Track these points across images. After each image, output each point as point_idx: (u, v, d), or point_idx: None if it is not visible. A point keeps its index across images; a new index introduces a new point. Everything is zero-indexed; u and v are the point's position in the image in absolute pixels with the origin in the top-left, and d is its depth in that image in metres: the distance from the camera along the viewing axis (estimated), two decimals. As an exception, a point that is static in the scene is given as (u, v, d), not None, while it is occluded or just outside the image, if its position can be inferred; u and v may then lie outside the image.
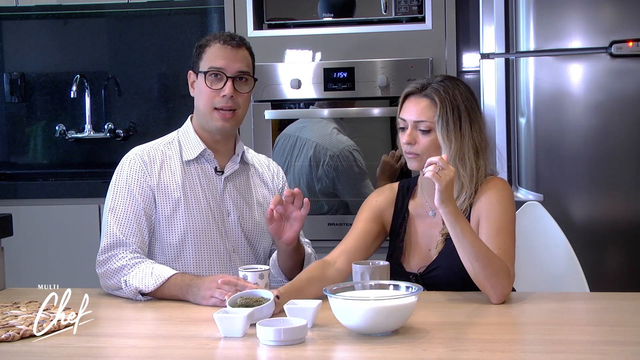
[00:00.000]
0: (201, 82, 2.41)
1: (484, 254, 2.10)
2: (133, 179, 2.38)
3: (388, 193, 2.46)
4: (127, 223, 2.34)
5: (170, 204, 2.38)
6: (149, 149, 2.45)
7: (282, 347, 1.78)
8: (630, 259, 3.11)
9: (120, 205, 2.36)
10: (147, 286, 2.24)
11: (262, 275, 2.17)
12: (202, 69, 2.41)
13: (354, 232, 2.40)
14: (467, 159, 2.28)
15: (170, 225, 2.38)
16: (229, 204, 2.45)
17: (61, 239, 3.59)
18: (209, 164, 2.45)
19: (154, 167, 2.40)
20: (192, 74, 2.45)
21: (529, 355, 1.78)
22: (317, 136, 3.47)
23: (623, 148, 3.08)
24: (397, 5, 3.42)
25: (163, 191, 2.39)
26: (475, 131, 2.30)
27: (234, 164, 2.48)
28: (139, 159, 2.41)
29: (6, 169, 4.22)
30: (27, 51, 4.21)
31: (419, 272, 2.33)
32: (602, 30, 3.06)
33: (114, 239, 2.32)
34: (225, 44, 2.40)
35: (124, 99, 4.16)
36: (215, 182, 2.45)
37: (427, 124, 2.28)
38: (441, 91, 2.28)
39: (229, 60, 2.40)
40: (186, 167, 2.43)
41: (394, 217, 2.42)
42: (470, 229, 2.12)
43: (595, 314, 2.14)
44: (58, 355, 1.81)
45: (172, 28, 4.10)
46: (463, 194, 2.29)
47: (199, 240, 2.39)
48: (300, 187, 3.44)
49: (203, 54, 2.41)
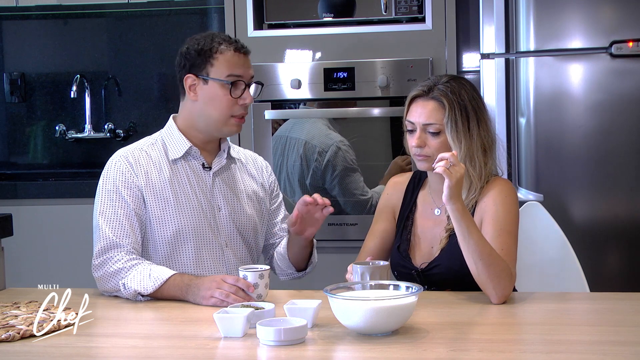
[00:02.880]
0: (216, 89, 2.37)
1: (487, 254, 2.11)
2: (120, 181, 2.37)
3: (399, 183, 2.49)
4: (119, 225, 2.33)
5: (160, 203, 2.38)
6: (133, 150, 2.44)
7: (282, 347, 1.78)
8: (630, 259, 3.11)
9: (110, 208, 2.35)
10: (145, 288, 2.23)
11: (262, 275, 2.17)
12: (216, 75, 2.36)
13: (373, 234, 2.46)
14: (476, 158, 2.29)
15: (162, 224, 2.38)
16: (219, 199, 2.45)
17: (61, 239, 3.59)
18: (196, 160, 2.45)
19: (139, 168, 2.39)
20: (194, 78, 2.38)
21: (529, 355, 1.78)
22: (307, 134, 3.48)
23: (623, 148, 3.08)
24: (397, 5, 3.42)
25: (151, 191, 2.38)
26: (483, 130, 2.31)
27: (221, 159, 2.48)
28: (124, 160, 2.40)
29: (6, 169, 4.22)
30: (27, 51, 4.21)
31: (420, 268, 2.34)
32: (602, 30, 3.06)
33: (107, 242, 2.32)
34: (237, 50, 2.38)
35: (124, 99, 4.16)
36: (204, 178, 2.45)
37: (436, 127, 2.29)
38: (448, 93, 2.29)
39: (245, 68, 2.39)
40: (173, 165, 2.42)
41: (402, 207, 2.44)
42: (476, 227, 2.13)
43: (595, 314, 2.14)
44: (58, 355, 1.81)
45: (172, 28, 4.10)
46: (471, 192, 2.30)
47: (192, 237, 2.39)
48: (292, 186, 3.45)
49: (213, 59, 2.36)
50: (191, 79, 2.39)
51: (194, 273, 2.36)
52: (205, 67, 2.37)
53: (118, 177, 2.38)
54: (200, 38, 2.40)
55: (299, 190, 3.47)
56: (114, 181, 2.37)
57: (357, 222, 3.44)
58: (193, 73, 2.38)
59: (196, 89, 2.39)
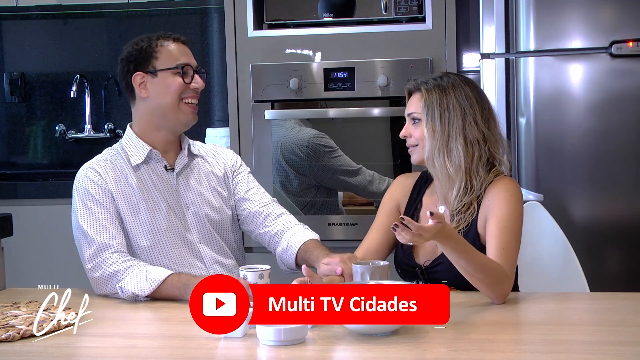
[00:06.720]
0: (166, 79, 2.41)
1: (481, 269, 2.08)
2: (94, 189, 2.38)
3: (407, 182, 2.50)
4: (103, 229, 2.34)
5: (132, 210, 2.40)
6: (97, 161, 2.46)
7: (282, 347, 1.78)
8: (630, 259, 3.11)
9: (90, 215, 2.36)
10: (143, 290, 2.24)
11: (261, 275, 2.17)
12: (163, 66, 2.41)
13: (374, 229, 2.46)
14: (454, 149, 2.29)
15: (137, 231, 2.39)
16: (187, 198, 2.46)
17: (61, 239, 3.59)
18: (158, 163, 2.47)
19: (107, 177, 2.41)
20: (142, 75, 2.42)
21: (529, 355, 1.78)
22: (281, 136, 3.48)
23: (623, 148, 3.08)
24: (397, 5, 3.42)
25: (122, 198, 2.40)
26: (469, 123, 2.30)
27: (183, 158, 2.50)
28: (92, 171, 2.42)
29: (6, 169, 4.22)
30: (27, 51, 4.21)
31: (424, 266, 2.34)
32: (602, 30, 3.06)
33: (96, 245, 2.32)
34: (177, 41, 2.45)
35: (124, 99, 4.14)
36: (168, 180, 2.46)
37: (415, 115, 2.34)
38: (430, 82, 2.33)
39: (188, 56, 2.46)
40: (137, 171, 2.44)
41: (408, 204, 2.45)
42: (465, 247, 2.08)
43: (595, 314, 2.14)
44: (58, 355, 1.81)
45: (172, 28, 4.07)
46: (455, 189, 2.30)
47: (168, 239, 2.40)
48: (276, 189, 3.45)
49: (156, 53, 2.41)
50: (140, 76, 2.43)
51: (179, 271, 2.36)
52: (150, 61, 2.42)
53: (91, 186, 2.39)
54: (137, 40, 2.47)
55: (280, 191, 3.47)
56: (88, 190, 2.38)
57: (357, 222, 3.44)
58: (140, 70, 2.43)
59: (146, 85, 2.43)
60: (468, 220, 2.30)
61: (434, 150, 2.30)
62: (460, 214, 2.31)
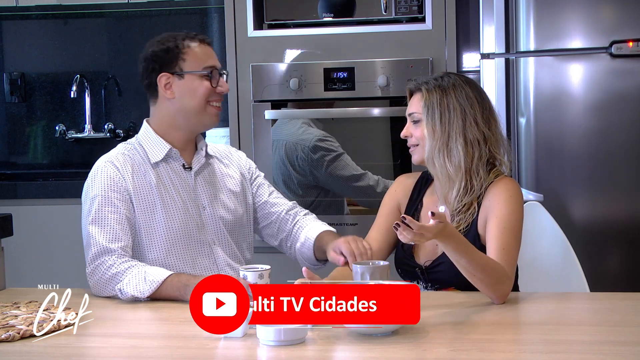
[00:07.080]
0: (194, 82, 2.40)
1: (481, 268, 2.08)
2: (109, 186, 2.37)
3: (407, 182, 2.50)
4: (110, 230, 2.33)
5: (149, 207, 2.39)
6: (117, 154, 2.44)
7: (282, 347, 1.78)
8: (630, 259, 3.11)
9: (99, 213, 2.35)
10: (142, 292, 2.23)
11: (261, 275, 2.17)
12: (190, 69, 2.40)
13: (375, 229, 2.46)
14: (454, 149, 2.29)
15: (151, 228, 2.38)
16: (203, 198, 2.46)
17: (61, 239, 3.59)
18: (177, 162, 2.46)
19: (126, 173, 2.40)
20: (168, 75, 2.41)
21: (529, 355, 1.78)
22: (286, 135, 3.48)
23: (623, 148, 3.08)
24: (397, 5, 3.42)
25: (139, 195, 2.39)
26: (470, 123, 2.30)
27: (200, 158, 2.50)
28: (111, 165, 2.40)
29: (6, 169, 4.22)
30: (27, 51, 4.21)
31: (424, 266, 2.34)
32: (602, 30, 3.06)
33: (98, 248, 2.31)
34: (202, 42, 2.44)
35: (124, 99, 4.16)
36: (186, 179, 2.46)
37: (416, 115, 2.35)
38: (431, 82, 2.33)
39: (214, 58, 2.46)
40: (155, 168, 2.43)
41: (409, 204, 2.45)
42: (466, 247, 2.08)
43: (595, 314, 2.14)
44: (58, 355, 1.81)
45: (172, 28, 4.04)
46: (455, 189, 2.30)
47: (182, 238, 2.40)
48: (278, 186, 3.45)
49: (183, 54, 2.41)
50: (165, 77, 2.42)
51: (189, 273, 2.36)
52: (177, 63, 2.41)
53: (106, 182, 2.37)
54: (162, 39, 2.45)
55: (284, 190, 3.46)
56: (102, 186, 2.37)
57: (357, 222, 3.44)
58: (165, 71, 2.41)
59: (172, 86, 2.42)
60: (468, 220, 2.30)
61: (434, 150, 2.30)
62: (460, 214, 2.31)
